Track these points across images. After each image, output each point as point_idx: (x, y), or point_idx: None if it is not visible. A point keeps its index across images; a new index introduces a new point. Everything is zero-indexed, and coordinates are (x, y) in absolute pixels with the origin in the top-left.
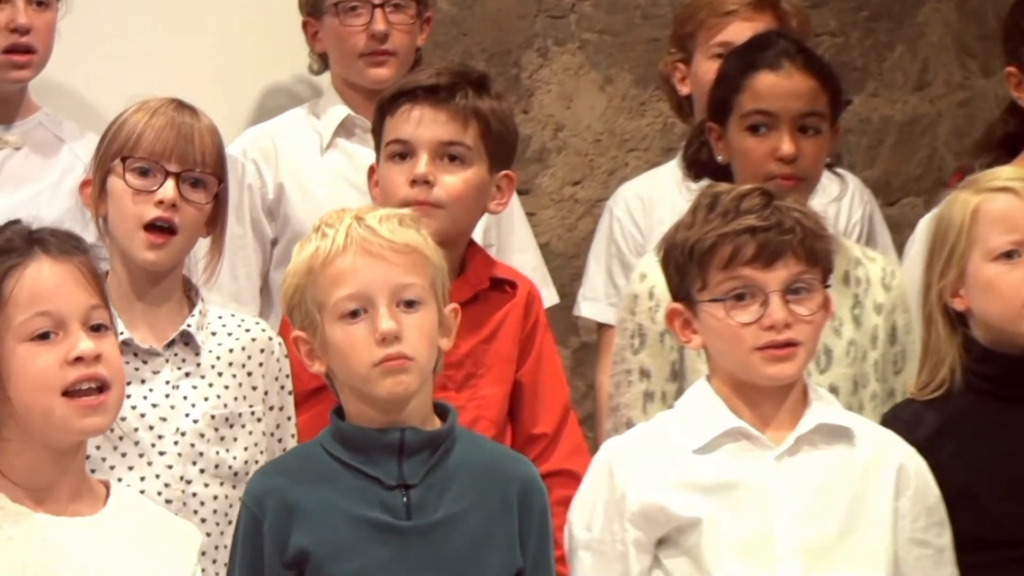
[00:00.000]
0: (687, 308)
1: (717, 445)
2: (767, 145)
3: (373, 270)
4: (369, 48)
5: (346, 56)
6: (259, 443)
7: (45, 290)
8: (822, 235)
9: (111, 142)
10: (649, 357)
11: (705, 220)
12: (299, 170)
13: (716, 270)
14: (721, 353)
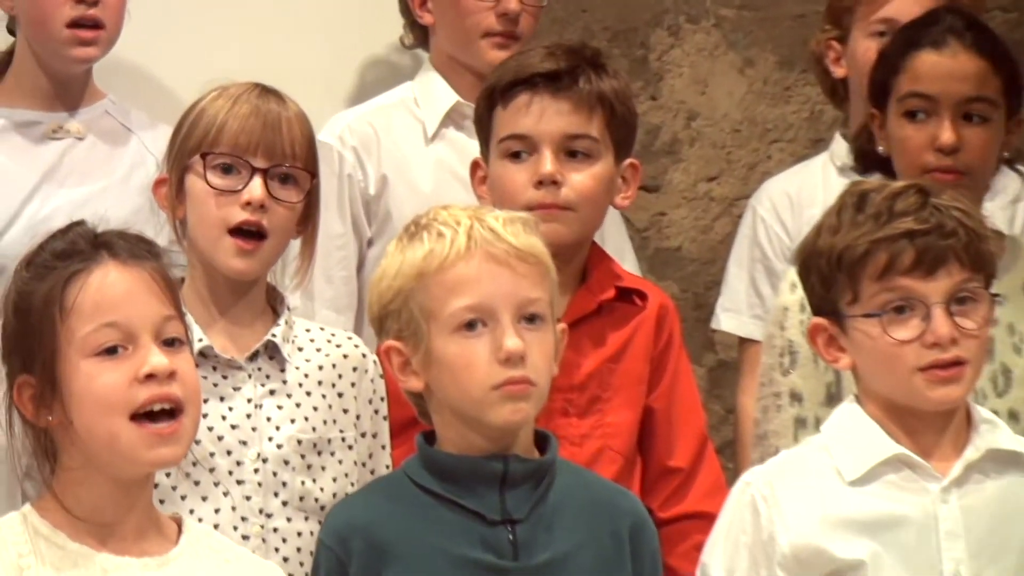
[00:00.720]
0: (833, 323)
1: (875, 476)
2: (925, 133)
3: (498, 279)
4: (497, 28)
5: (465, 33)
6: (349, 474)
7: (112, 299)
8: (986, 236)
9: (188, 135)
10: (801, 378)
11: (853, 223)
12: (403, 161)
13: (869, 281)
14: (875, 375)
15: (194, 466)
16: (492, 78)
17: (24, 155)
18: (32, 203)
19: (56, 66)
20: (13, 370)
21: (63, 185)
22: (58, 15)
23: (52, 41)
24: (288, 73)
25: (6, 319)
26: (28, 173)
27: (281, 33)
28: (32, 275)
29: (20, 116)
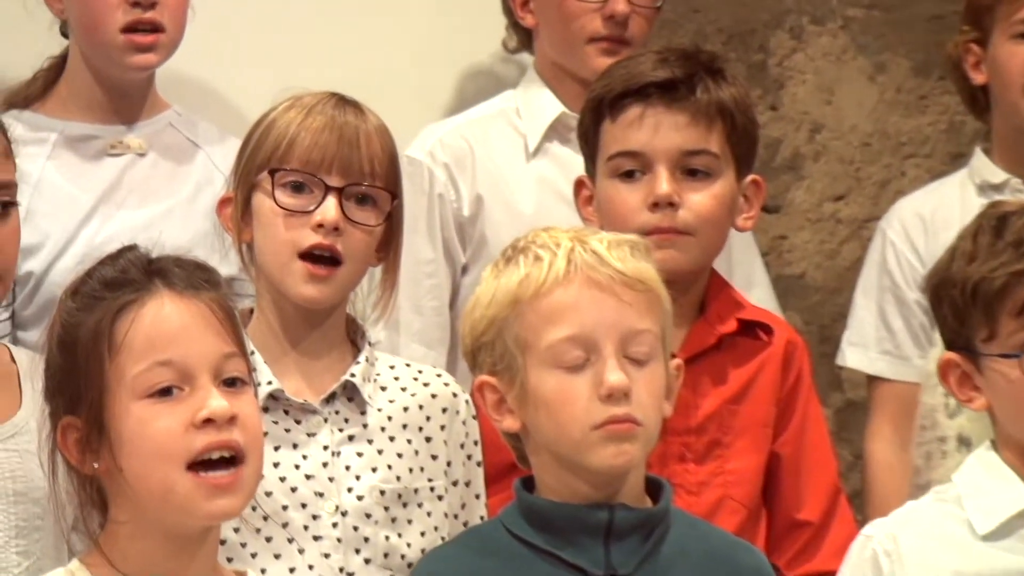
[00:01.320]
0: (967, 360)
1: (1011, 529)
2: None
3: (601, 308)
4: (603, 32)
5: (570, 38)
6: (439, 527)
7: (167, 334)
8: None
9: (256, 150)
10: (969, 421)
11: (991, 251)
12: (501, 179)
13: (1008, 317)
14: (1012, 419)
15: (265, 521)
16: (598, 87)
17: (79, 173)
18: (88, 227)
19: (112, 75)
20: (57, 410)
21: (122, 207)
22: (112, 20)
23: (106, 48)
24: (373, 82)
25: (50, 353)
26: (84, 194)
27: (365, 38)
28: (79, 305)
29: (75, 130)
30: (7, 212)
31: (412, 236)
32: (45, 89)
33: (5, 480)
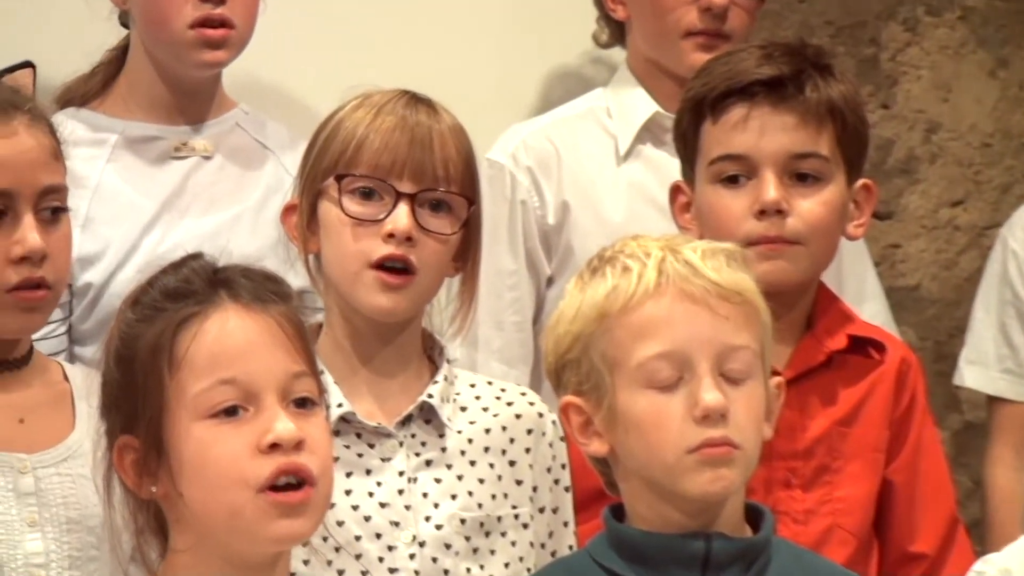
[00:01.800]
0: None
1: None
2: None
3: (695, 322)
4: (700, 26)
5: (664, 32)
6: (525, 557)
7: (231, 350)
8: None
9: (322, 153)
10: None
11: None
12: (589, 184)
13: None
14: None
15: (337, 552)
16: (697, 86)
17: (141, 178)
18: (150, 236)
19: (178, 72)
20: (113, 429)
21: (187, 214)
22: (180, 14)
23: (173, 44)
24: (452, 80)
25: (107, 367)
26: (146, 200)
27: (443, 33)
28: (138, 317)
29: (136, 130)
30: (57, 218)
31: (493, 246)
32: (104, 85)
33: (58, 507)
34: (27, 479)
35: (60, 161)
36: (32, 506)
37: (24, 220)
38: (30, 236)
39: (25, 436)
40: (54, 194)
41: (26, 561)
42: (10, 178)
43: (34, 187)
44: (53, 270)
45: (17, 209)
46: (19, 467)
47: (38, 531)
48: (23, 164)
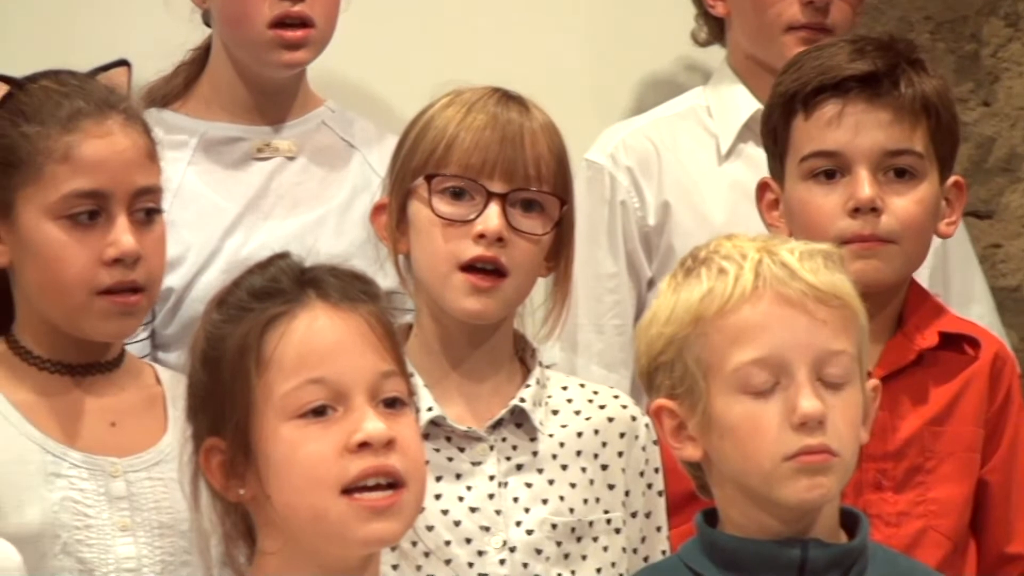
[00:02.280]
0: None
1: None
2: None
3: (793, 327)
4: (802, 20)
5: (765, 27)
6: (617, 562)
7: (320, 350)
8: None
9: (411, 152)
10: None
11: None
12: (690, 184)
13: None
14: None
15: (427, 557)
16: (787, 81)
17: (223, 180)
18: (232, 238)
19: (259, 72)
20: (200, 431)
21: (269, 216)
22: (259, 14)
23: (252, 44)
24: (545, 78)
25: (193, 369)
26: (228, 202)
27: (535, 29)
28: (224, 317)
29: (218, 131)
30: (151, 219)
31: (592, 248)
32: (186, 86)
33: (150, 512)
34: (119, 483)
35: (155, 162)
36: (124, 510)
37: (118, 221)
38: (124, 238)
39: (117, 440)
40: (148, 195)
41: (118, 566)
42: (104, 178)
43: (128, 188)
44: (146, 272)
45: (111, 210)
46: (111, 471)
47: (130, 535)
48: (117, 164)
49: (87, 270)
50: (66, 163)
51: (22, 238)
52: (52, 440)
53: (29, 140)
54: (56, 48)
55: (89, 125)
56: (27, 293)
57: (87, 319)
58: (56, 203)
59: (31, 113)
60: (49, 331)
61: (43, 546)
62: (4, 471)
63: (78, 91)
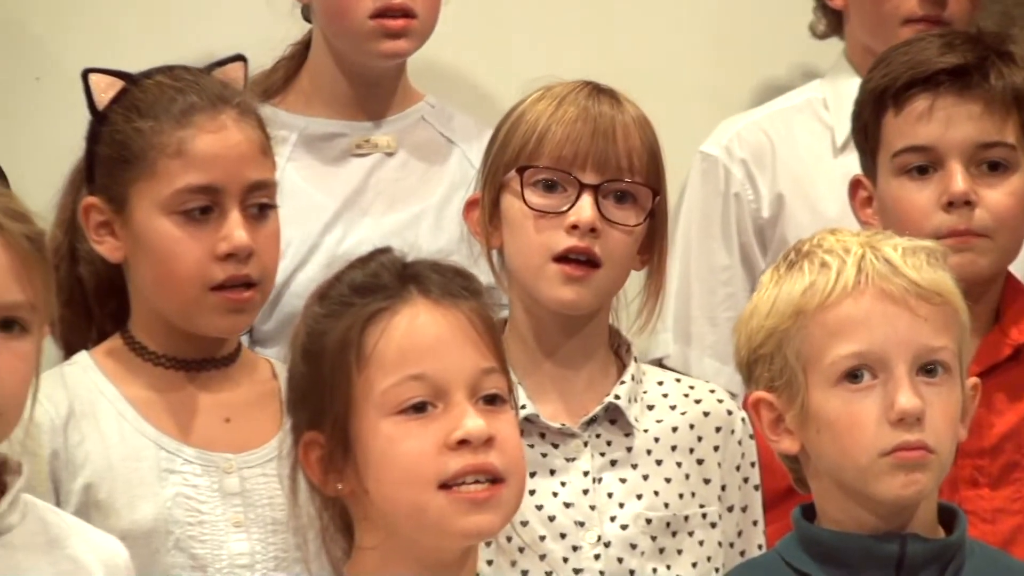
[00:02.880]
0: None
1: None
2: None
3: (893, 323)
4: (920, 12)
5: (882, 20)
6: (712, 557)
7: (421, 346)
8: None
9: (503, 146)
10: None
11: None
12: (805, 177)
13: None
14: None
15: (521, 553)
16: (877, 77)
17: (322, 176)
18: (332, 234)
19: (359, 64)
20: (299, 425)
21: (368, 212)
22: (360, 4)
23: (353, 34)
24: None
25: (293, 363)
26: (326, 198)
27: (643, 22)
28: (325, 312)
29: (317, 127)
30: (265, 215)
31: (706, 240)
32: (286, 81)
33: (263, 507)
34: (232, 479)
35: (269, 156)
36: (237, 506)
37: (231, 216)
38: (236, 233)
39: (231, 435)
40: (262, 190)
41: (231, 562)
42: (217, 173)
43: (241, 183)
44: (259, 267)
45: (224, 205)
46: (224, 467)
47: (243, 532)
48: (230, 159)
49: (200, 265)
50: (179, 158)
51: (136, 233)
52: (166, 436)
53: (143, 135)
54: (159, 45)
55: (202, 120)
56: (141, 288)
57: (200, 315)
58: (169, 198)
59: (145, 108)
60: (163, 326)
61: (156, 542)
62: (119, 468)
63: (192, 86)
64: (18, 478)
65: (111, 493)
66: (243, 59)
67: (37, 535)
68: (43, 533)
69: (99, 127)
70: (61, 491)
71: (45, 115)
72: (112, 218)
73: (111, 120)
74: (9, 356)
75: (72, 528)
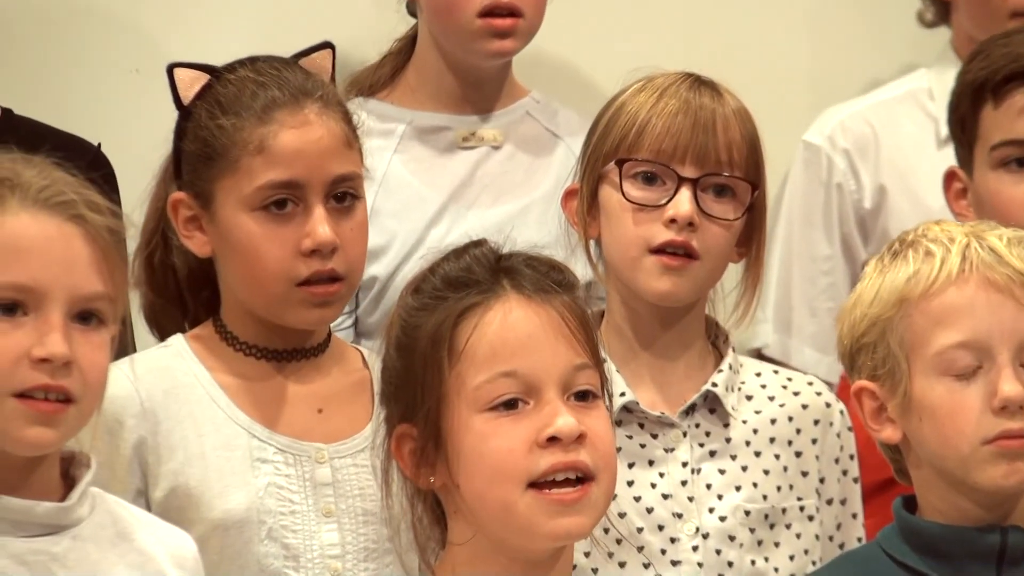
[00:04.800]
0: None
1: None
2: None
3: (998, 311)
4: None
5: (991, 12)
6: (810, 550)
7: (513, 343)
8: None
9: (603, 137)
10: None
11: None
12: (908, 168)
13: None
14: None
15: (619, 544)
16: (975, 69)
17: (428, 169)
18: (437, 228)
19: (466, 62)
20: (392, 416)
21: (474, 205)
22: (468, 3)
23: (460, 33)
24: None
25: (387, 355)
26: (433, 191)
27: (743, 12)
28: (419, 304)
29: (424, 121)
30: (351, 207)
31: (807, 230)
32: (393, 75)
33: (354, 498)
34: (324, 469)
35: (354, 148)
36: (329, 496)
37: (315, 212)
38: (320, 229)
39: (323, 426)
40: (346, 182)
41: (322, 552)
42: (299, 169)
43: (324, 177)
44: (344, 261)
45: (307, 200)
46: (316, 457)
47: (334, 522)
48: (312, 154)
49: (284, 262)
50: (260, 155)
51: (222, 230)
52: (258, 425)
53: (225, 132)
54: (260, 38)
55: (283, 115)
56: (229, 282)
57: (287, 309)
58: (251, 195)
59: (227, 104)
60: (253, 318)
61: (248, 531)
62: (211, 456)
63: (274, 80)
64: (87, 471)
65: (203, 481)
66: (331, 46)
67: (106, 528)
68: (112, 526)
69: (184, 123)
70: (149, 475)
71: (143, 107)
72: (199, 213)
73: (195, 116)
74: (88, 347)
75: (141, 521)
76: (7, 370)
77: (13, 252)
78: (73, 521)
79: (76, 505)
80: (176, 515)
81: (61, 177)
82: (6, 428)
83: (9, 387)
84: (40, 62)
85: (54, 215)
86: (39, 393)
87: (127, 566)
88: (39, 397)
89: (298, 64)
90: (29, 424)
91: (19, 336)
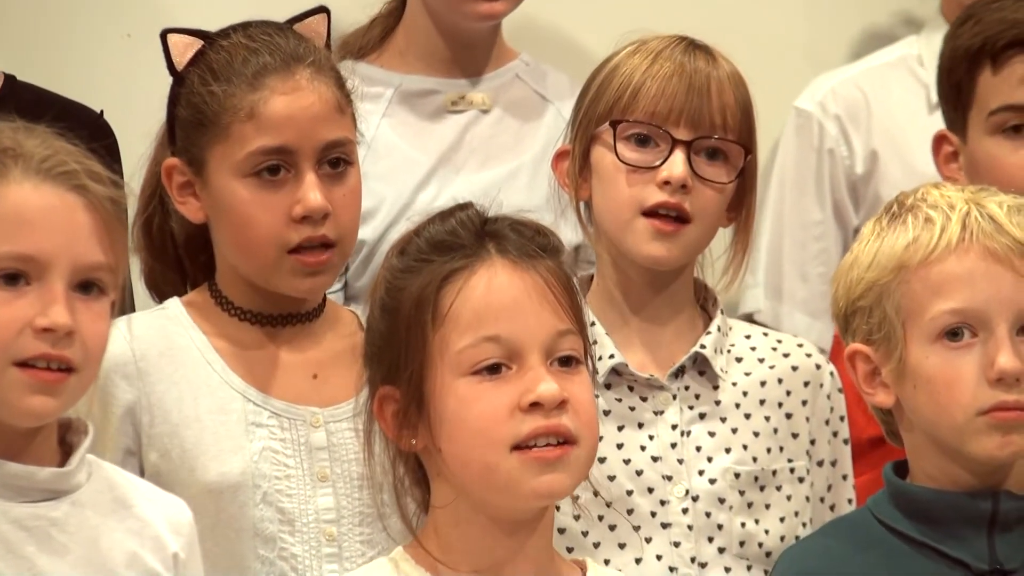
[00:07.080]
0: None
1: None
2: None
3: (996, 281)
4: None
5: None
6: (800, 512)
7: (496, 307)
8: None
9: (596, 98)
10: None
11: None
12: (899, 134)
13: None
14: None
15: (608, 507)
16: (968, 35)
17: (417, 132)
18: (426, 191)
19: (455, 24)
20: (376, 378)
21: (462, 168)
22: None
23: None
24: (745, 28)
25: (371, 316)
26: (421, 155)
27: None
28: (403, 267)
29: (413, 84)
30: (343, 173)
31: (799, 196)
32: (383, 38)
33: (349, 463)
34: (319, 434)
35: (347, 114)
36: (324, 461)
37: (306, 178)
38: (311, 195)
39: (318, 390)
40: (338, 148)
41: (317, 516)
42: (290, 135)
43: (315, 143)
44: (336, 227)
45: (299, 166)
46: (311, 421)
47: (329, 486)
48: (303, 120)
49: (276, 228)
50: (251, 121)
51: (214, 196)
52: (253, 389)
53: (216, 99)
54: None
55: (274, 81)
56: (222, 248)
57: (279, 276)
58: (242, 161)
59: (219, 70)
60: (246, 284)
61: (244, 495)
62: (206, 420)
63: (266, 46)
64: (85, 438)
65: (197, 444)
66: (325, 11)
67: (103, 494)
68: (108, 492)
69: (178, 89)
70: (143, 435)
71: (135, 72)
72: (193, 180)
73: (188, 82)
74: (89, 317)
75: (137, 488)
76: (9, 339)
77: (16, 222)
78: (72, 487)
79: (75, 471)
80: (170, 477)
81: (63, 147)
82: (7, 397)
83: (11, 356)
84: (34, 27)
85: (56, 185)
86: (41, 362)
87: (125, 531)
88: (40, 366)
89: (292, 29)
90: (31, 393)
91: (22, 305)
